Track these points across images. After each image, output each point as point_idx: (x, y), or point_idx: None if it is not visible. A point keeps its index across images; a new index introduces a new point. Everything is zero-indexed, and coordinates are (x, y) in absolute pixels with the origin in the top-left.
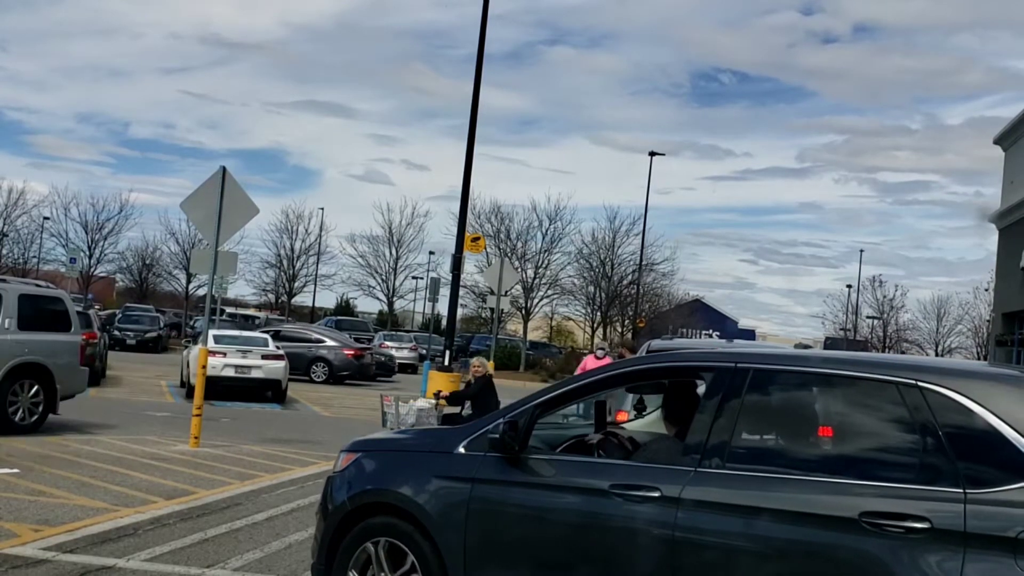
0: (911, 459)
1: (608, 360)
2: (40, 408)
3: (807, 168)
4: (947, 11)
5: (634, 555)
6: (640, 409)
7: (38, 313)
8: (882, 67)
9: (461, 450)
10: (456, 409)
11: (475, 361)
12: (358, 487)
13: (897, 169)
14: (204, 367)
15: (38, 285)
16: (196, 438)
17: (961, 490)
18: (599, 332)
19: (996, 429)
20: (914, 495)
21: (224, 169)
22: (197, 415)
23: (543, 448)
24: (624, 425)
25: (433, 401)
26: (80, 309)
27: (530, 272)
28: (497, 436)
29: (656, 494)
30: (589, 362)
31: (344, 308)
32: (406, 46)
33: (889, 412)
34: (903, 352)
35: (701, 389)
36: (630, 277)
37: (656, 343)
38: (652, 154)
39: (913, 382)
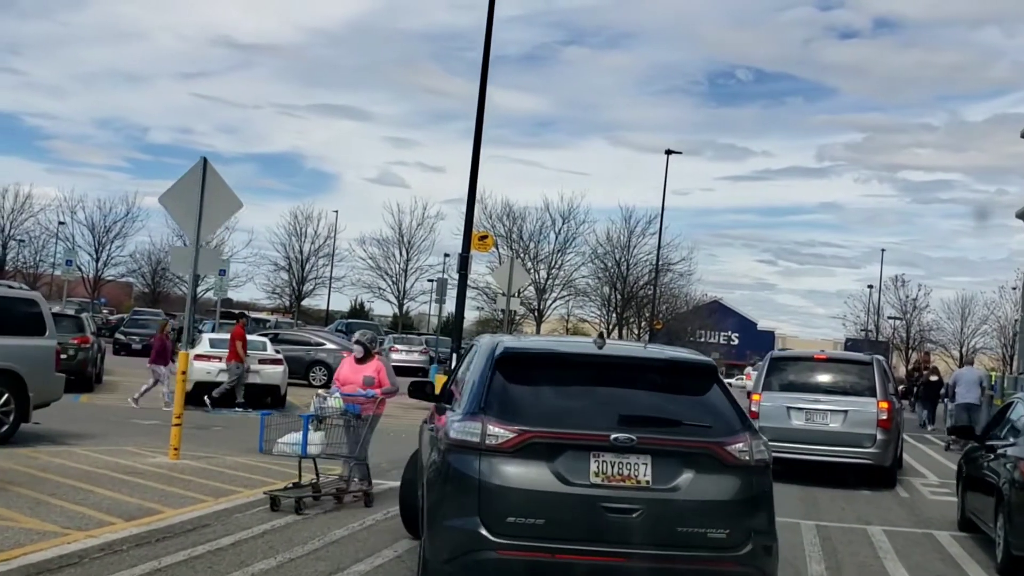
0: None
1: None
2: (11, 417)
3: (827, 167)
4: (971, 4)
5: None
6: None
7: (9, 316)
8: (903, 63)
9: None
10: None
11: None
12: None
13: (919, 167)
14: (184, 372)
15: (10, 287)
16: (176, 449)
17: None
18: (615, 334)
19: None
20: None
21: (205, 160)
22: (177, 424)
23: None
24: None
25: None
26: (72, 312)
27: (543, 273)
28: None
29: None
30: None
31: (359, 311)
32: (420, 48)
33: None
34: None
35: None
36: (647, 278)
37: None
38: (668, 152)
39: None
